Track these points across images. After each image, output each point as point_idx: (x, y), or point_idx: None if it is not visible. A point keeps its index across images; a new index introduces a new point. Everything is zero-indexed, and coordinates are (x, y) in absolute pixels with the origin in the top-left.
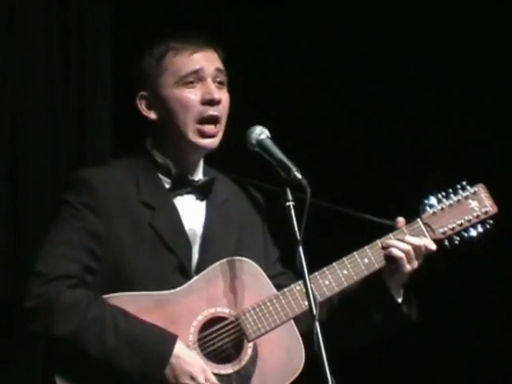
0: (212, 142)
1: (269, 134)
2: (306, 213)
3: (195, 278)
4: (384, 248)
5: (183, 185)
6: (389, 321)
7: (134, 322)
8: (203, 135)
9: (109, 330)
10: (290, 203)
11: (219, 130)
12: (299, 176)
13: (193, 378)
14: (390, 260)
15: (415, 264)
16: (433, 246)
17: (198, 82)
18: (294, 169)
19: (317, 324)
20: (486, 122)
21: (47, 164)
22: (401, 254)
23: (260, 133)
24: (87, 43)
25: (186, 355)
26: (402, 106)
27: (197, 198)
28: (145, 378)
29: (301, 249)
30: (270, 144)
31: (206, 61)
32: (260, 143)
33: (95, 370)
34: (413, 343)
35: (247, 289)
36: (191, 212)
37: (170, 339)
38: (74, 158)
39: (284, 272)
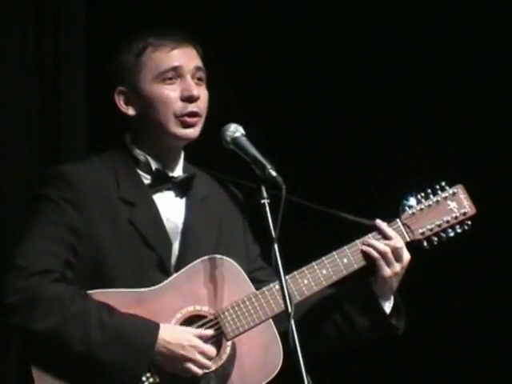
0: (193, 132)
1: (243, 132)
2: (282, 210)
3: (175, 275)
4: (363, 248)
5: (163, 181)
6: (374, 328)
7: (118, 315)
8: (185, 125)
9: (93, 323)
10: (265, 201)
11: (199, 122)
12: (274, 174)
13: (187, 359)
14: (369, 260)
15: (395, 267)
16: (398, 244)
17: (177, 79)
18: (268, 166)
19: (292, 322)
20: (465, 123)
21: (21, 159)
22: (377, 255)
23: (235, 130)
24: (62, 36)
25: (172, 339)
26: (379, 104)
27: (176, 195)
28: (130, 370)
29: (276, 246)
30: (244, 142)
31: (185, 58)
32: (235, 141)
33: (77, 364)
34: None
35: (227, 287)
36: (171, 209)
37: (152, 329)
38: (49, 155)
39: (264, 267)
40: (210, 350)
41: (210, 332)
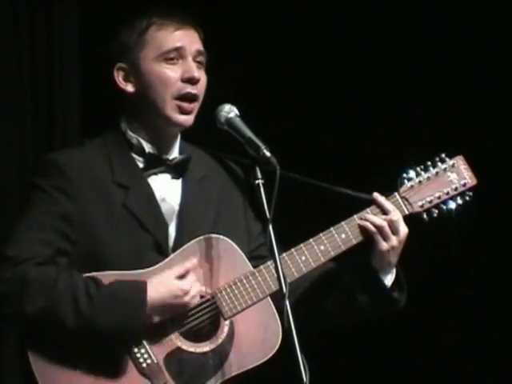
0: (188, 119)
1: (238, 112)
2: (276, 191)
3: (171, 256)
4: (360, 222)
5: (156, 164)
6: (375, 303)
7: (104, 282)
8: (181, 111)
9: (81, 294)
10: (260, 181)
11: (195, 108)
12: (268, 154)
13: (181, 304)
14: (366, 235)
15: (393, 241)
16: (395, 217)
17: (179, 59)
18: (263, 147)
19: (287, 302)
20: (465, 96)
21: (15, 147)
22: (373, 229)
23: (229, 111)
24: (55, 30)
25: (163, 292)
26: (379, 79)
27: (172, 177)
28: (129, 327)
29: (270, 227)
30: (238, 122)
31: (188, 40)
32: (229, 121)
33: (72, 341)
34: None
35: (223, 266)
36: (167, 191)
37: (139, 285)
38: (43, 143)
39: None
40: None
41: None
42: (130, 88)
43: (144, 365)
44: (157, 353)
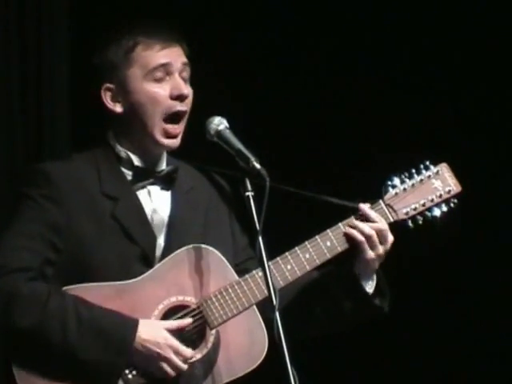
0: (174, 142)
1: (227, 125)
2: (266, 203)
3: (156, 266)
4: (348, 231)
5: (146, 176)
6: (359, 310)
7: (96, 311)
8: (167, 135)
9: (71, 320)
10: (250, 193)
11: (181, 130)
12: (258, 166)
13: (161, 357)
14: (352, 243)
15: (379, 250)
16: (383, 227)
17: (166, 77)
18: (252, 159)
19: (277, 315)
20: (449, 102)
21: (5, 156)
22: (362, 238)
23: (219, 123)
24: (44, 31)
25: (149, 336)
26: (364, 85)
27: (161, 189)
28: (108, 367)
29: (260, 239)
30: (228, 134)
31: (174, 56)
32: (219, 134)
33: (56, 361)
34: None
35: (209, 276)
36: (156, 202)
37: (131, 325)
38: (32, 152)
39: (253, 257)
40: (186, 350)
41: (188, 320)
42: (118, 108)
43: (130, 376)
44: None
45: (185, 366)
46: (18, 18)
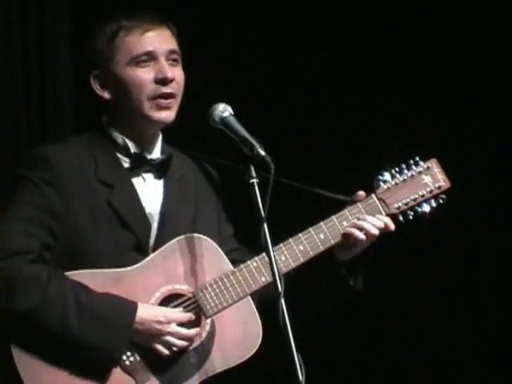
0: (168, 115)
1: (232, 111)
2: (270, 190)
3: (152, 255)
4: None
5: (141, 164)
6: (335, 291)
7: (95, 295)
8: (159, 108)
9: (71, 304)
10: (254, 180)
11: (174, 104)
12: (262, 153)
13: (164, 332)
14: (348, 237)
15: (368, 242)
16: (392, 227)
17: (151, 61)
18: (257, 146)
19: (282, 301)
20: (440, 97)
21: (8, 141)
22: (363, 237)
23: (223, 110)
24: (47, 23)
25: (149, 316)
26: (358, 80)
27: (155, 177)
28: (109, 351)
29: (265, 226)
30: (233, 121)
31: (159, 40)
32: (223, 120)
33: (56, 344)
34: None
35: (204, 265)
36: (149, 191)
37: (130, 307)
38: (35, 137)
39: (238, 248)
40: (187, 316)
41: (188, 315)
42: (106, 95)
43: (127, 362)
44: (139, 351)
45: (191, 332)
46: (21, 7)
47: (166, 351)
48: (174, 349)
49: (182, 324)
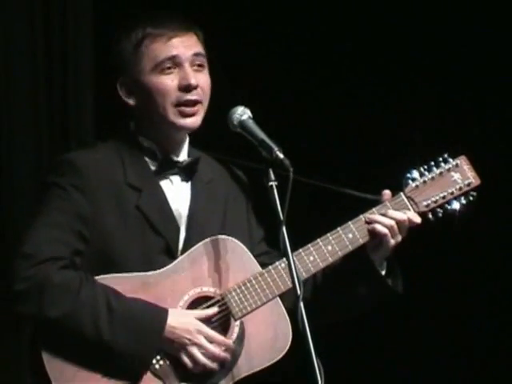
0: (193, 122)
1: (250, 115)
2: (289, 193)
3: (180, 258)
4: (368, 223)
5: (169, 167)
6: (374, 294)
7: (126, 300)
8: (184, 115)
9: (102, 309)
10: (273, 183)
11: (200, 110)
12: (281, 156)
13: (192, 343)
14: (374, 235)
15: (399, 238)
16: (417, 219)
17: (175, 68)
18: (276, 149)
19: (301, 304)
20: (468, 95)
21: (31, 147)
22: (385, 231)
23: (242, 113)
24: (70, 29)
25: (179, 324)
26: (381, 79)
27: (182, 180)
28: (139, 356)
29: (284, 229)
30: (251, 124)
31: (183, 46)
32: (242, 124)
33: (87, 350)
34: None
35: (232, 267)
36: (177, 194)
37: (160, 314)
38: (58, 142)
39: (268, 251)
40: (216, 335)
41: (214, 310)
42: (132, 101)
43: (157, 366)
44: (169, 355)
45: (217, 350)
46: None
47: (190, 364)
48: (199, 362)
49: (211, 327)
